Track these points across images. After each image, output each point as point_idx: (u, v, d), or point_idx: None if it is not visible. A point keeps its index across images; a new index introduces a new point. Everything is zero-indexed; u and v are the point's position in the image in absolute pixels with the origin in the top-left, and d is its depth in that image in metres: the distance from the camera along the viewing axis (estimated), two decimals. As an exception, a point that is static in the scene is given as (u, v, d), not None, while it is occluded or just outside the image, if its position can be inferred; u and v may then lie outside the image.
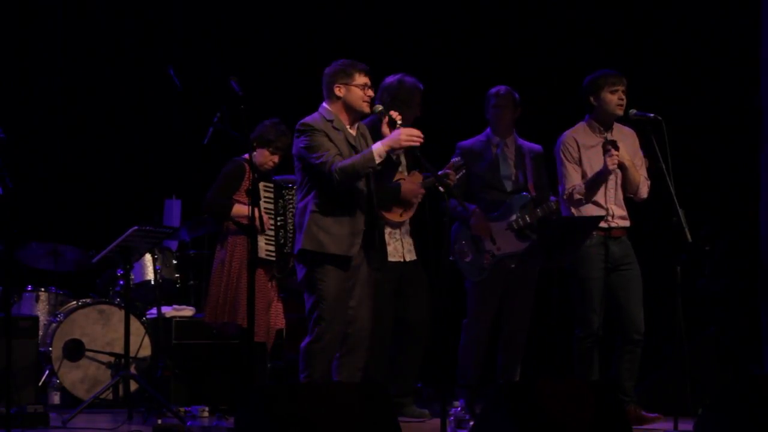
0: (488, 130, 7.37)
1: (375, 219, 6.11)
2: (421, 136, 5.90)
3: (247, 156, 6.67)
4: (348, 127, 6.07)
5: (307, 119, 6.01)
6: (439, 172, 6.73)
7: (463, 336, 7.26)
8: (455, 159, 7.08)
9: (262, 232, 6.55)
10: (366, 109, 6.06)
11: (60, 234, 8.36)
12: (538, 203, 7.17)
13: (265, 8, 9.40)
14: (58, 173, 9.15)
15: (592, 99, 6.80)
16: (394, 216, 6.92)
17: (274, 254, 6.63)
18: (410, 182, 6.93)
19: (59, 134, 9.21)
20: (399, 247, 7.01)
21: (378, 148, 5.86)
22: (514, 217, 7.17)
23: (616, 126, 6.87)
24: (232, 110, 6.57)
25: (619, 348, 6.77)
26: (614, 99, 6.75)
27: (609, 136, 6.79)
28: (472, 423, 6.22)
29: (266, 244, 6.62)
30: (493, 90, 7.32)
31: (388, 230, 6.90)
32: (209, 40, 9.34)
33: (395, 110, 6.14)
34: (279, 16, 9.42)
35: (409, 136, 5.85)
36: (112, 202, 9.16)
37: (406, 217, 7.00)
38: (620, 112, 6.77)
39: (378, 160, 5.85)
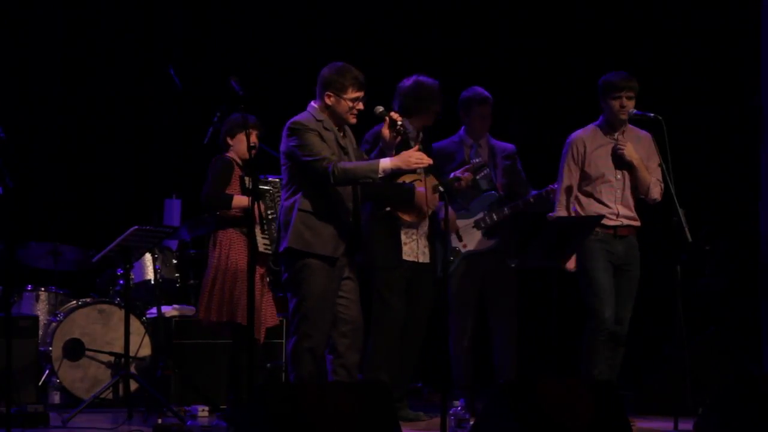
0: (461, 131, 7.41)
1: (359, 219, 6.12)
2: (430, 160, 5.98)
3: (230, 155, 6.66)
4: (336, 129, 6.08)
5: (299, 118, 6.01)
6: (458, 173, 6.80)
7: (450, 333, 7.31)
8: (475, 160, 7.10)
9: (260, 223, 6.55)
10: (351, 121, 6.06)
11: (60, 234, 8.35)
12: (506, 202, 7.25)
13: (265, 8, 9.39)
14: (58, 173, 9.15)
15: (601, 102, 6.84)
16: (409, 217, 6.89)
17: (270, 247, 6.62)
18: (425, 192, 6.85)
19: (59, 134, 9.21)
20: (414, 247, 6.97)
21: (385, 165, 5.89)
22: (481, 215, 7.26)
23: (632, 128, 6.86)
24: (232, 110, 6.58)
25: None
26: (616, 104, 6.76)
27: (620, 138, 6.80)
28: (472, 422, 6.23)
29: (262, 238, 6.61)
30: (476, 95, 7.33)
31: (404, 230, 6.89)
32: (209, 40, 9.33)
33: (406, 118, 6.16)
34: (279, 15, 9.41)
35: (418, 159, 5.89)
36: (112, 202, 9.16)
37: (422, 219, 6.95)
38: (623, 117, 6.76)
39: (380, 175, 5.89)
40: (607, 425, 5.22)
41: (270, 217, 6.65)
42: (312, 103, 6.08)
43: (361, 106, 6.04)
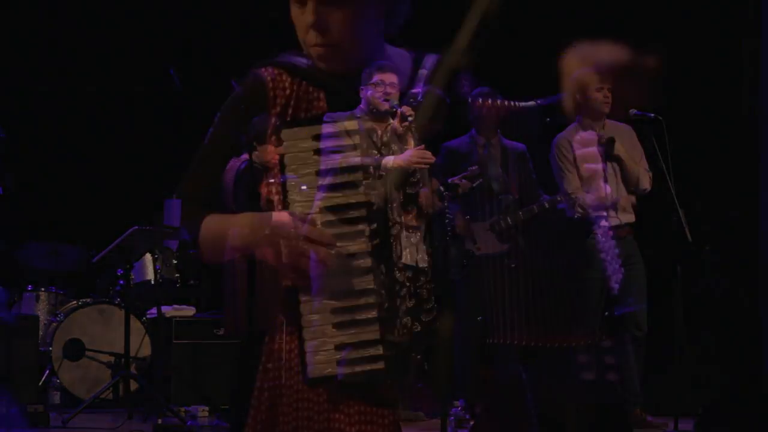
0: (473, 131, 7.43)
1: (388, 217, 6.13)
2: (432, 158, 5.97)
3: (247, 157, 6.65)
4: (374, 126, 6.12)
5: None
6: (455, 179, 6.80)
7: (454, 333, 7.30)
8: (472, 168, 7.11)
9: None
10: (381, 107, 6.09)
11: (60, 234, 8.36)
12: (521, 205, 7.24)
13: (265, 8, 9.39)
14: (58, 173, 9.15)
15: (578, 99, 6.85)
16: (408, 219, 6.88)
17: None
18: (428, 191, 6.86)
19: (59, 134, 9.21)
20: (414, 252, 6.96)
21: (386, 162, 5.90)
22: (496, 218, 7.24)
23: (611, 123, 6.88)
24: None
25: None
26: (600, 96, 6.78)
27: (603, 134, 6.82)
28: (472, 423, 6.23)
29: None
30: (476, 91, 7.36)
31: (403, 233, 6.87)
32: (209, 40, 9.34)
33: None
34: (280, 15, 9.42)
35: (419, 158, 5.91)
36: (112, 202, 9.16)
37: (422, 222, 6.95)
38: (606, 110, 6.80)
39: (381, 172, 5.90)
40: (606, 425, 5.22)
41: None
42: None
43: (389, 89, 6.07)
